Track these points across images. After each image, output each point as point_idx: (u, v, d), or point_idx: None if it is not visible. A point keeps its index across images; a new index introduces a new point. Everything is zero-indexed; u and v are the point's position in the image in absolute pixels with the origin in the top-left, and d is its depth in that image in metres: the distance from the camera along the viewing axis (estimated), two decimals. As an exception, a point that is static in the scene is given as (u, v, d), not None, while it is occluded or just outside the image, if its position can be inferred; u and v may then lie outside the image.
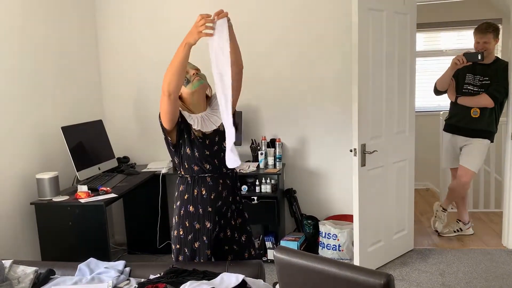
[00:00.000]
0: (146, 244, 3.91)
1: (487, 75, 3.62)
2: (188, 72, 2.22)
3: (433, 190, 5.66)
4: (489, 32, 3.56)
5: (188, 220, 2.21)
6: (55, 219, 2.94)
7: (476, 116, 3.65)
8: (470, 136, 3.73)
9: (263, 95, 3.86)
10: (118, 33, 4.00)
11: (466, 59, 3.52)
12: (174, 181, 4.05)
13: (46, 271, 2.21)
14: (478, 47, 3.61)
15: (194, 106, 2.27)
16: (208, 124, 2.24)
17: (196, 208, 2.20)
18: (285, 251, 1.49)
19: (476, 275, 3.25)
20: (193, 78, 2.22)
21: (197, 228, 2.20)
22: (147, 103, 4.04)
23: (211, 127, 2.24)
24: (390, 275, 1.25)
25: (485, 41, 3.57)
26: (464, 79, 3.72)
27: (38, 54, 3.26)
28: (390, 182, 3.46)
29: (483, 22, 3.64)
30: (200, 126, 2.21)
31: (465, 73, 3.71)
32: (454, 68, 3.62)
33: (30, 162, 3.14)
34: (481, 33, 3.59)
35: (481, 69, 3.65)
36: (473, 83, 3.68)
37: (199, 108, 2.27)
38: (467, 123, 3.72)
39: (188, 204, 2.21)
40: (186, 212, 2.22)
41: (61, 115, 3.47)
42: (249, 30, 3.83)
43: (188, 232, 2.21)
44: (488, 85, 3.61)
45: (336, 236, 3.55)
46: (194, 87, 2.22)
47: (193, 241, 2.21)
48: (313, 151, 3.92)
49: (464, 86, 3.72)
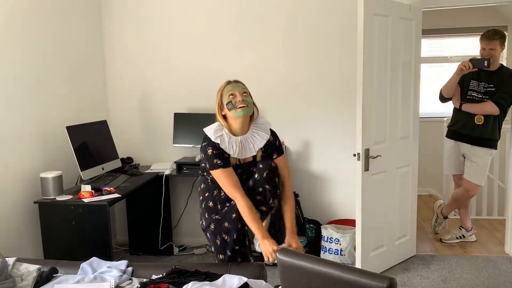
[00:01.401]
0: (148, 245, 3.91)
1: (492, 82, 3.59)
2: (235, 95, 2.29)
3: (436, 196, 5.64)
4: (495, 39, 3.54)
5: (207, 213, 2.41)
6: (58, 218, 2.95)
7: (480, 123, 3.61)
8: (474, 144, 3.70)
9: (267, 98, 3.86)
10: (124, 34, 4.02)
11: (473, 65, 3.49)
12: (177, 183, 4.08)
13: (49, 270, 2.22)
14: (484, 53, 3.58)
15: (236, 129, 2.34)
16: (245, 152, 2.35)
17: (215, 204, 2.39)
18: (289, 253, 1.49)
19: (478, 282, 3.24)
20: (238, 105, 2.27)
21: (214, 218, 2.39)
22: (152, 104, 4.06)
23: (247, 154, 2.36)
24: (393, 278, 1.26)
25: (491, 48, 3.55)
26: (468, 86, 3.70)
27: (44, 54, 3.28)
28: (393, 187, 3.46)
29: (490, 29, 3.61)
30: (238, 153, 2.32)
31: (469, 79, 3.68)
32: (460, 74, 3.58)
33: (34, 161, 3.16)
34: (487, 40, 3.57)
35: (486, 76, 3.63)
36: (478, 90, 3.66)
37: (241, 131, 2.35)
38: (471, 130, 3.68)
39: (208, 200, 2.41)
40: (206, 206, 2.41)
41: (66, 115, 3.49)
42: (254, 33, 3.85)
43: (208, 222, 2.41)
44: (493, 92, 3.58)
45: (338, 240, 3.55)
46: (238, 116, 2.29)
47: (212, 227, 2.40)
48: (316, 155, 3.92)
49: (468, 93, 3.69)
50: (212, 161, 2.26)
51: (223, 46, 3.90)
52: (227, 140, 2.30)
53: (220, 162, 2.26)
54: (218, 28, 3.89)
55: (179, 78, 3.99)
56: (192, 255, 3.93)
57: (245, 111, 2.28)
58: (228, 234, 2.36)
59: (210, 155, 2.27)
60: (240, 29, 3.87)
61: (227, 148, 2.29)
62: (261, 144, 2.38)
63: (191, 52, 3.96)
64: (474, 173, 3.73)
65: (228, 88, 2.32)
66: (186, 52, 3.96)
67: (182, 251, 4.00)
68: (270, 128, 2.46)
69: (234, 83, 2.35)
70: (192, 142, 3.81)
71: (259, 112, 2.43)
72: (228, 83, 2.36)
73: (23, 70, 3.06)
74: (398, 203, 3.53)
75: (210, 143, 2.29)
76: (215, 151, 2.27)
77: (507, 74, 3.60)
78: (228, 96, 2.29)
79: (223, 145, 2.28)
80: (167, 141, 4.03)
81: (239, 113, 2.27)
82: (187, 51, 3.96)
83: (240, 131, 2.34)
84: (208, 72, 3.93)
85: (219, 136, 2.29)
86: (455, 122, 3.84)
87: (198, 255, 3.91)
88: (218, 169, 2.26)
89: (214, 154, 2.26)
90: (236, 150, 2.31)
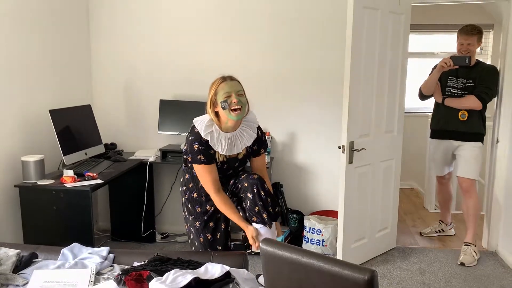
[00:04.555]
0: (130, 232, 3.89)
1: (470, 78, 3.57)
2: (230, 96, 2.24)
3: (417, 190, 5.73)
4: (473, 34, 3.51)
5: (191, 204, 2.43)
6: (39, 203, 2.91)
7: (464, 120, 3.58)
8: (462, 140, 3.64)
9: (254, 89, 3.84)
10: (110, 20, 3.95)
11: (454, 62, 3.47)
12: (161, 170, 4.06)
13: (29, 254, 2.20)
14: (461, 48, 3.55)
15: (227, 127, 2.32)
16: (233, 148, 2.34)
17: (200, 195, 2.40)
18: (272, 244, 1.49)
19: (456, 275, 3.31)
20: (233, 106, 2.23)
21: (198, 211, 2.41)
22: (137, 90, 4.01)
23: (235, 151, 2.35)
24: (374, 271, 1.27)
25: (469, 43, 3.52)
26: (446, 83, 3.67)
27: (28, 37, 3.20)
28: (376, 180, 3.50)
29: (468, 24, 3.58)
30: (226, 150, 2.30)
31: (447, 76, 3.64)
32: (440, 71, 3.55)
33: (15, 144, 3.10)
34: (466, 35, 3.53)
35: (464, 72, 3.59)
36: (456, 86, 3.62)
37: (231, 129, 2.33)
38: (456, 126, 3.64)
39: (192, 191, 2.41)
40: (190, 197, 2.42)
41: (50, 99, 3.43)
42: (240, 23, 3.82)
43: (191, 213, 2.44)
44: (472, 87, 3.55)
45: (320, 231, 3.58)
46: (231, 118, 2.26)
47: (194, 221, 2.43)
48: (301, 146, 3.94)
49: (447, 89, 3.67)
50: (196, 156, 2.25)
51: (209, 35, 3.87)
52: (216, 137, 2.27)
53: (203, 159, 2.24)
54: (203, 17, 3.85)
55: (165, 65, 3.95)
56: (175, 242, 3.93)
57: (239, 117, 2.25)
58: (213, 234, 2.43)
59: (195, 150, 2.25)
60: (227, 18, 3.84)
61: (215, 145, 2.27)
62: (248, 143, 2.38)
63: (177, 40, 3.91)
64: (465, 168, 3.64)
65: (224, 87, 2.24)
66: (172, 40, 3.92)
67: (165, 238, 3.99)
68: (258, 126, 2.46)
69: (229, 81, 2.27)
70: (177, 130, 3.78)
71: (249, 110, 2.39)
72: (223, 80, 2.27)
73: (5, 53, 2.99)
74: (381, 196, 3.57)
75: (198, 138, 2.25)
76: (201, 147, 2.24)
77: (486, 69, 3.59)
78: (224, 96, 2.23)
79: (211, 143, 2.26)
80: (152, 128, 3.99)
81: (233, 117, 2.24)
82: (173, 39, 3.92)
83: (231, 129, 2.32)
84: (194, 61, 3.90)
85: (209, 133, 2.26)
86: (438, 120, 3.78)
87: (181, 243, 3.91)
88: (200, 164, 2.26)
89: (199, 150, 2.24)
90: (225, 147, 2.29)
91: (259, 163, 2.49)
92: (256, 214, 2.31)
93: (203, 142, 2.25)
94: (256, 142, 2.43)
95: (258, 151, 2.46)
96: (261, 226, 2.32)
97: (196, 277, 1.87)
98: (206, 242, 2.42)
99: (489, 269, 3.41)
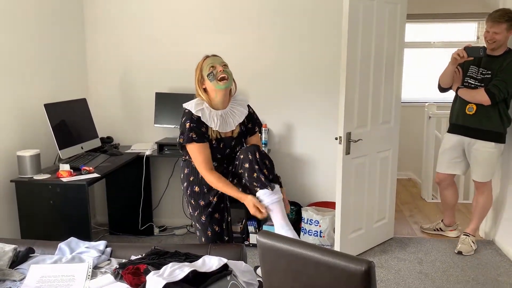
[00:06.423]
0: (128, 226, 3.89)
1: (490, 69, 3.25)
2: (215, 67, 2.31)
3: (414, 180, 5.74)
4: (500, 22, 3.14)
5: (193, 199, 2.40)
6: (35, 198, 2.90)
7: (471, 113, 3.32)
8: (472, 137, 3.37)
9: (251, 80, 3.84)
10: (105, 12, 3.91)
11: (468, 53, 3.19)
12: (158, 163, 4.05)
13: (26, 249, 2.19)
14: (487, 36, 3.23)
15: (217, 103, 2.34)
16: (225, 125, 2.35)
17: (201, 188, 2.38)
18: (269, 236, 1.49)
19: (453, 264, 3.33)
20: (220, 75, 2.28)
21: (202, 205, 2.39)
22: (133, 83, 3.99)
23: (228, 128, 2.36)
24: (371, 262, 1.27)
25: (495, 31, 3.16)
26: (467, 72, 3.38)
27: (22, 30, 3.17)
28: (373, 171, 3.50)
29: (499, 9, 3.21)
30: (219, 126, 2.31)
31: (469, 64, 3.36)
32: (454, 63, 3.29)
33: (11, 138, 3.08)
34: (491, 21, 3.17)
35: (486, 62, 3.28)
36: (475, 77, 3.33)
37: (221, 105, 2.36)
38: (464, 121, 3.39)
39: (194, 185, 2.39)
40: (192, 192, 2.40)
41: (44, 92, 3.40)
42: (237, 14, 3.79)
43: (195, 209, 2.41)
44: (488, 79, 3.25)
45: (318, 222, 3.58)
46: (219, 88, 2.30)
47: (200, 216, 2.40)
48: (298, 137, 3.93)
49: (465, 79, 3.38)
50: (188, 134, 2.26)
51: (204, 27, 3.84)
52: (207, 113, 2.30)
53: (195, 136, 2.26)
54: (199, 9, 3.82)
55: (160, 58, 3.92)
56: (173, 235, 3.93)
57: (227, 85, 2.30)
58: (220, 225, 2.42)
59: (187, 128, 2.27)
60: (222, 10, 3.81)
61: (208, 120, 2.29)
62: (240, 119, 2.40)
63: (172, 33, 3.88)
64: (476, 171, 3.45)
65: (208, 61, 2.33)
66: (167, 32, 3.89)
67: (163, 231, 3.99)
68: (248, 104, 2.49)
69: (213, 57, 2.37)
70: (173, 123, 3.76)
71: (236, 89, 2.43)
72: (207, 57, 2.37)
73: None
74: (378, 186, 3.57)
75: (189, 116, 2.29)
76: (192, 124, 2.27)
77: (508, 60, 3.21)
78: (209, 68, 2.30)
79: (204, 118, 2.28)
80: (148, 121, 3.97)
81: (221, 86, 2.28)
82: (168, 32, 3.88)
83: (221, 105, 2.35)
84: (189, 54, 3.85)
85: (200, 110, 2.29)
86: (451, 113, 3.53)
87: (179, 236, 3.91)
88: (192, 143, 2.26)
89: (191, 128, 2.26)
90: (218, 123, 2.31)
91: (255, 142, 2.51)
92: (256, 180, 2.25)
93: (194, 119, 2.28)
94: (250, 120, 2.47)
95: (252, 128, 2.50)
96: (263, 192, 2.25)
97: (193, 269, 1.87)
98: (214, 234, 2.41)
99: (486, 258, 3.42)
